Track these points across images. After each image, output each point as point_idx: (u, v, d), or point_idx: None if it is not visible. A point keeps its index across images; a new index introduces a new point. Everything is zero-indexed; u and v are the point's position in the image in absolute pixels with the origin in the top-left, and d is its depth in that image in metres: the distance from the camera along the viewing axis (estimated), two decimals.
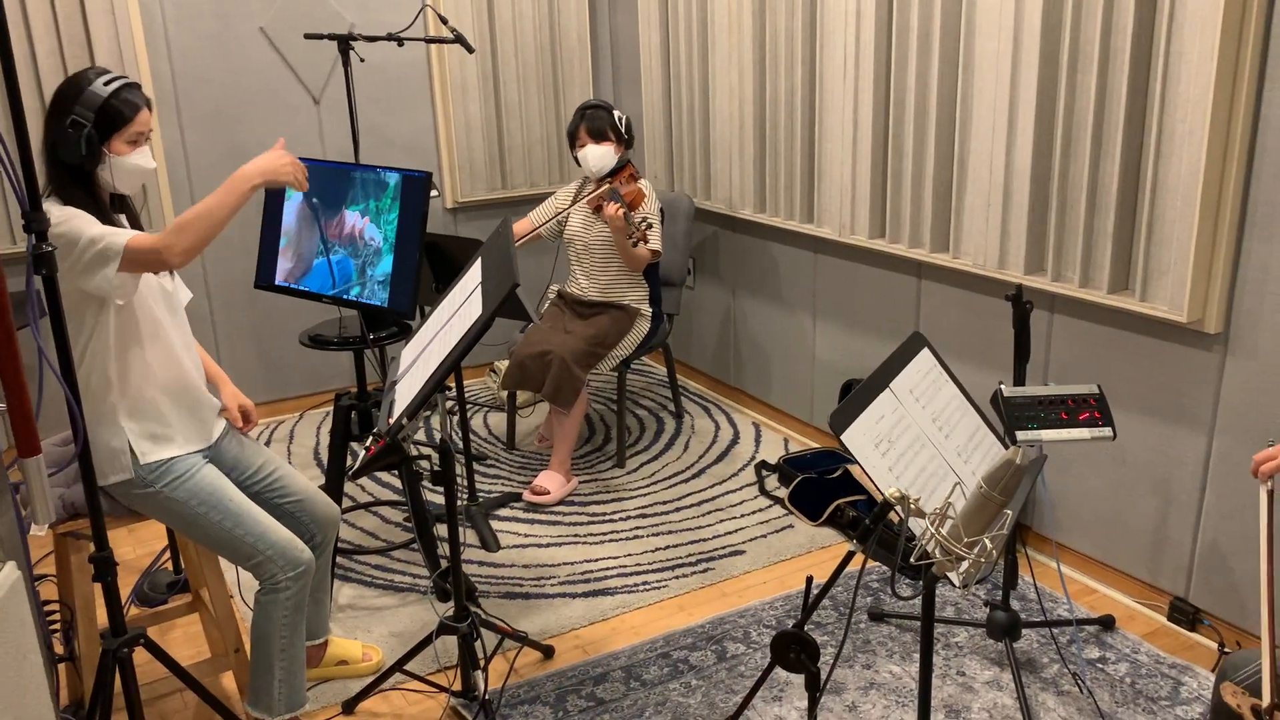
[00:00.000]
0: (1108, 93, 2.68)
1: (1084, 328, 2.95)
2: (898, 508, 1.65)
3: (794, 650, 1.73)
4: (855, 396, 1.86)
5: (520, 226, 3.88)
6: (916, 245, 3.35)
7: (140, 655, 2.22)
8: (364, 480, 3.80)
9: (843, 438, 1.77)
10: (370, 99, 4.39)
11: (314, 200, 2.90)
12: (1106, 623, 2.84)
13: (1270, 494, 1.72)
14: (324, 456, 4.06)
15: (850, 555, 1.72)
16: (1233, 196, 2.51)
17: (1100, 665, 2.69)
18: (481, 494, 3.69)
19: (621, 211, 3.51)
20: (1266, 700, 1.53)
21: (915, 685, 2.63)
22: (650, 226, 3.61)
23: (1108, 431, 2.39)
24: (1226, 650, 2.73)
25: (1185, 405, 2.74)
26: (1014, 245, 3.00)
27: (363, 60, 4.30)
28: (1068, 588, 3.03)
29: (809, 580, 1.78)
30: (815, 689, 1.78)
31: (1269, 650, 1.59)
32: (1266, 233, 2.48)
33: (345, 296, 2.82)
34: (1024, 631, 2.78)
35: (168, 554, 3.23)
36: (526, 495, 3.65)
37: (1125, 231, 2.75)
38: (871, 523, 1.69)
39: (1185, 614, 2.83)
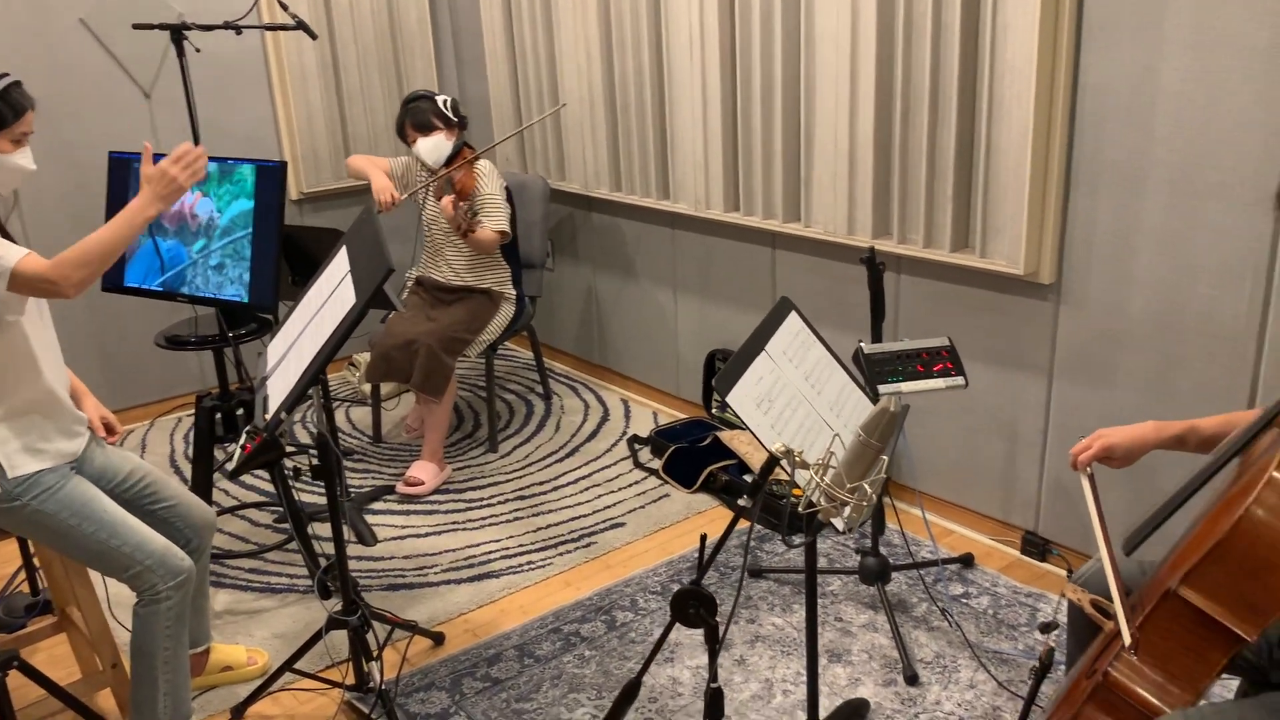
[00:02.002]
0: (941, 63, 2.84)
1: (930, 285, 3.13)
2: (783, 462, 1.74)
3: (693, 606, 1.80)
4: (735, 360, 1.94)
5: (377, 163, 3.78)
6: (770, 216, 3.47)
7: (10, 679, 2.12)
8: (227, 484, 3.69)
9: (728, 399, 1.85)
10: (205, 91, 4.23)
11: None
12: (967, 560, 3.04)
13: (1091, 478, 1.87)
14: (182, 464, 3.91)
15: (741, 512, 1.80)
16: (1058, 156, 2.70)
17: (964, 600, 2.88)
18: (353, 489, 3.64)
19: (450, 204, 3.51)
20: (1118, 611, 1.70)
21: (797, 635, 2.75)
22: (475, 215, 3.60)
23: (960, 380, 2.55)
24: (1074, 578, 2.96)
25: (1025, 352, 2.95)
26: (861, 212, 3.15)
27: (199, 50, 4.13)
28: (930, 530, 3.22)
29: (703, 538, 1.85)
30: (715, 641, 1.85)
31: (1119, 597, 1.76)
32: (1090, 188, 2.69)
33: (195, 293, 2.74)
34: (893, 575, 2.94)
35: (22, 575, 3.07)
36: (400, 487, 3.61)
37: (963, 193, 2.93)
38: (759, 478, 1.76)
39: (1036, 546, 3.05)
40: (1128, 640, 1.65)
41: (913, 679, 2.56)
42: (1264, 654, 1.76)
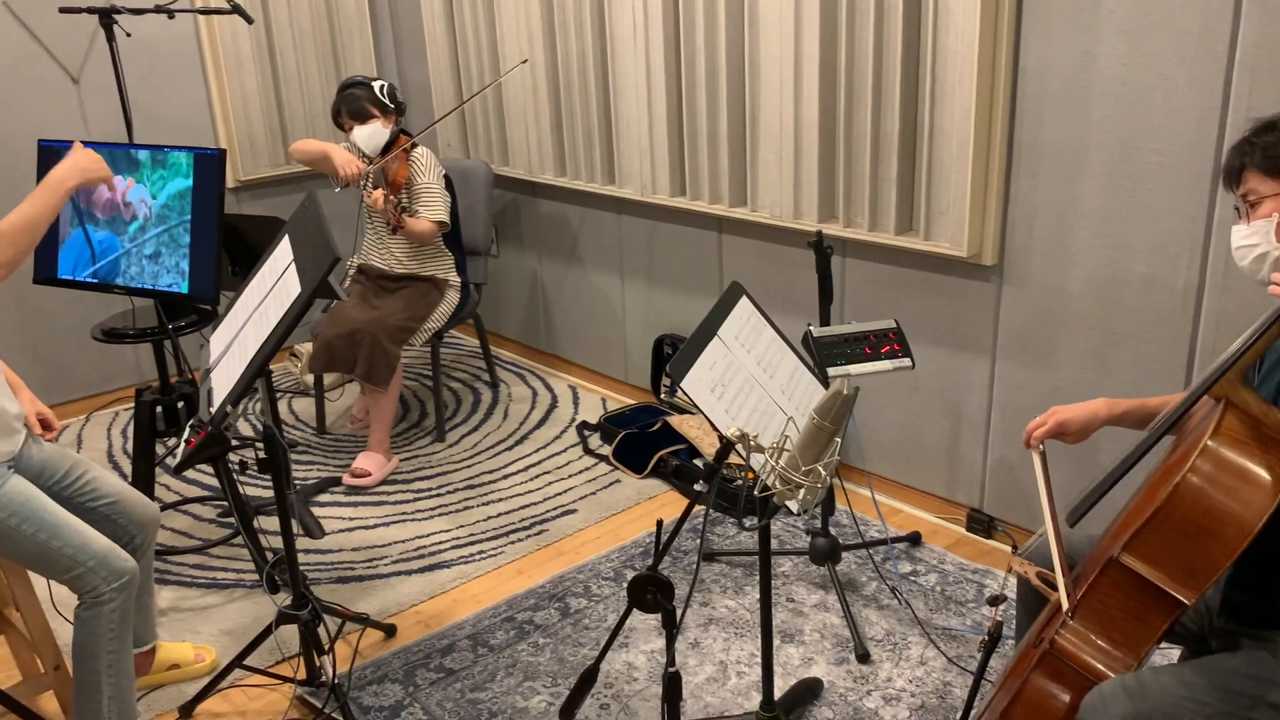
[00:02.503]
0: (884, 48, 2.86)
1: (876, 268, 3.16)
2: (739, 446, 1.74)
3: (651, 591, 1.80)
4: (689, 346, 1.94)
5: (325, 142, 3.71)
6: (716, 201, 3.48)
7: None
8: (168, 479, 3.62)
9: (683, 384, 1.85)
10: (136, 77, 4.12)
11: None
12: (914, 539, 3.08)
13: (1042, 455, 1.92)
14: (120, 459, 3.82)
15: (697, 497, 1.80)
16: (1000, 139, 2.74)
17: (913, 578, 2.92)
18: (298, 482, 3.59)
19: (380, 198, 3.46)
20: (1060, 582, 1.75)
21: (750, 616, 2.77)
22: (405, 209, 3.56)
23: (907, 362, 2.59)
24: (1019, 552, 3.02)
25: (969, 333, 2.99)
26: (807, 195, 3.17)
27: (129, 35, 4.02)
28: (879, 510, 3.26)
29: (659, 524, 1.85)
30: (671, 625, 1.86)
31: (1060, 562, 1.80)
32: (1031, 171, 2.73)
33: (130, 284, 2.67)
34: (843, 554, 2.98)
35: None
36: (346, 478, 3.57)
37: (907, 176, 2.96)
38: (715, 462, 1.77)
39: (981, 523, 3.11)
40: (1065, 605, 1.70)
41: (864, 657, 2.60)
42: (1205, 623, 1.81)
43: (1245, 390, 1.60)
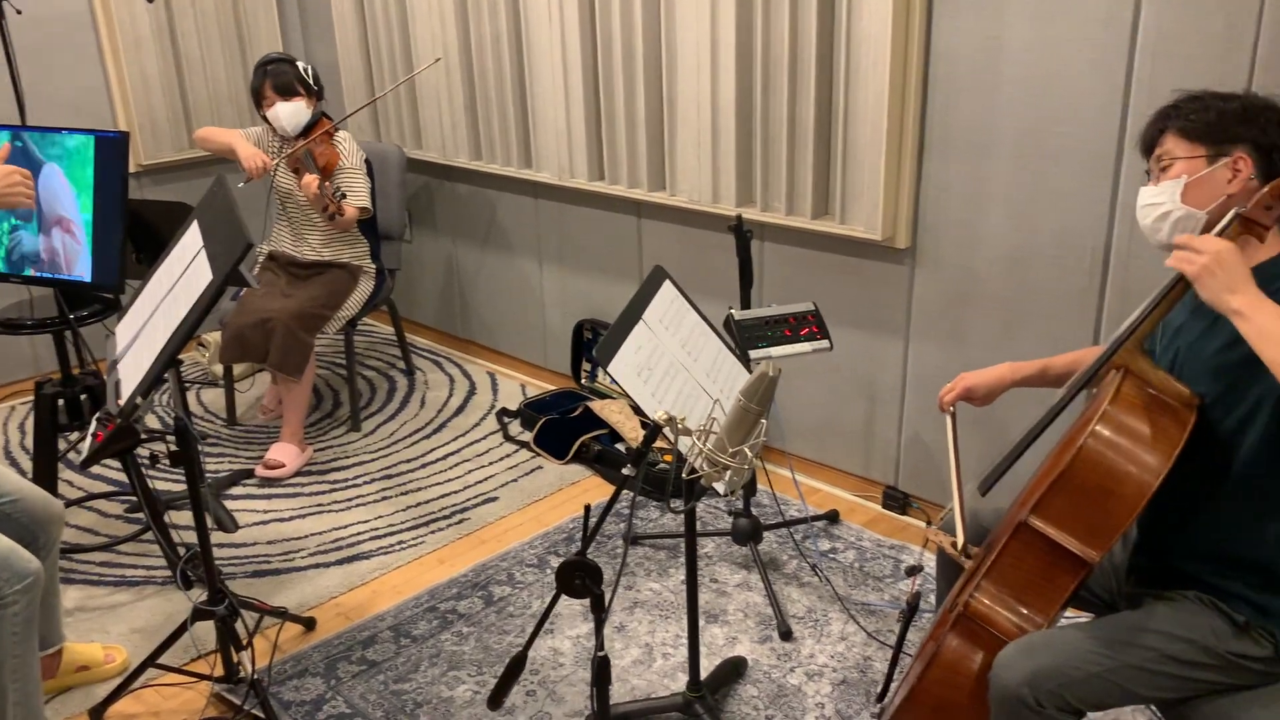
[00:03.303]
0: (799, 31, 2.88)
1: (793, 252, 3.19)
2: (666, 429, 1.75)
3: (579, 577, 1.80)
4: (614, 330, 1.94)
5: (233, 131, 3.61)
6: (635, 185, 3.47)
7: None
8: (71, 474, 3.48)
9: (609, 369, 1.85)
10: (28, 56, 3.93)
11: None
12: (832, 517, 3.14)
13: (953, 417, 2.09)
14: (19, 456, 3.67)
15: (625, 481, 1.80)
16: (912, 124, 2.79)
17: (832, 555, 2.97)
18: (209, 474, 3.49)
19: (315, 183, 3.37)
20: (959, 540, 1.88)
21: (674, 598, 2.79)
22: (344, 196, 3.48)
23: (826, 343, 2.62)
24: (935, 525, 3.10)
25: (884, 315, 3.05)
26: (725, 180, 3.19)
27: (19, 12, 3.83)
28: (799, 489, 3.31)
29: (587, 509, 1.85)
30: (600, 610, 1.86)
31: (961, 516, 1.88)
32: (942, 154, 2.79)
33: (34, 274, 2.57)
34: (764, 534, 3.01)
35: None
36: (259, 470, 3.49)
37: (823, 160, 3.00)
38: (643, 446, 1.77)
39: (897, 500, 3.17)
40: (961, 541, 1.84)
41: (787, 634, 2.64)
42: (1113, 589, 1.89)
43: (1143, 359, 1.68)
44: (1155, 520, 1.76)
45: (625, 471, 1.77)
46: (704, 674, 2.43)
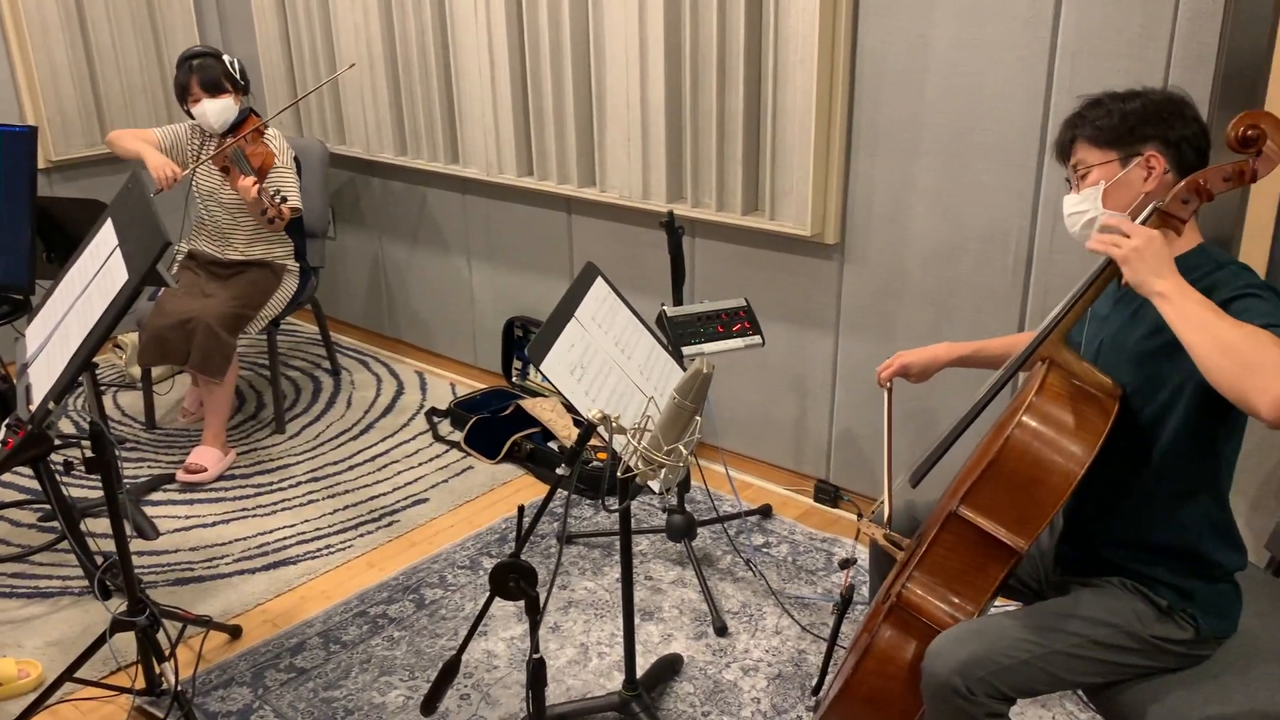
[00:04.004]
0: (727, 27, 2.89)
1: (724, 248, 3.20)
2: (601, 428, 1.73)
3: (513, 579, 1.78)
4: (546, 328, 1.91)
5: (144, 135, 3.49)
6: (564, 181, 3.44)
7: None
8: None
9: (542, 367, 1.82)
10: None
11: None
12: (765, 511, 3.15)
13: (889, 392, 2.13)
14: None
15: (560, 481, 1.78)
16: (840, 120, 2.81)
17: (765, 550, 2.98)
18: (127, 480, 3.38)
19: (255, 187, 3.26)
20: (886, 517, 1.92)
21: (609, 597, 2.78)
22: (285, 200, 3.39)
23: (758, 339, 2.64)
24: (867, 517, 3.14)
25: (814, 310, 3.07)
26: (655, 176, 3.18)
27: None
28: (733, 484, 3.32)
29: (521, 509, 1.83)
30: (535, 612, 1.84)
31: (889, 495, 1.94)
32: (870, 151, 2.81)
33: None
34: (699, 530, 3.01)
35: None
36: (180, 475, 3.39)
37: (752, 157, 3.01)
38: (578, 445, 1.76)
39: (828, 493, 3.20)
40: (887, 513, 1.90)
41: (722, 630, 2.64)
42: (1041, 577, 1.92)
43: (1067, 350, 1.72)
44: (1080, 509, 1.80)
45: (560, 471, 1.75)
46: (640, 672, 2.42)
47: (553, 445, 3.45)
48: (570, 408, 3.50)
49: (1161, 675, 1.69)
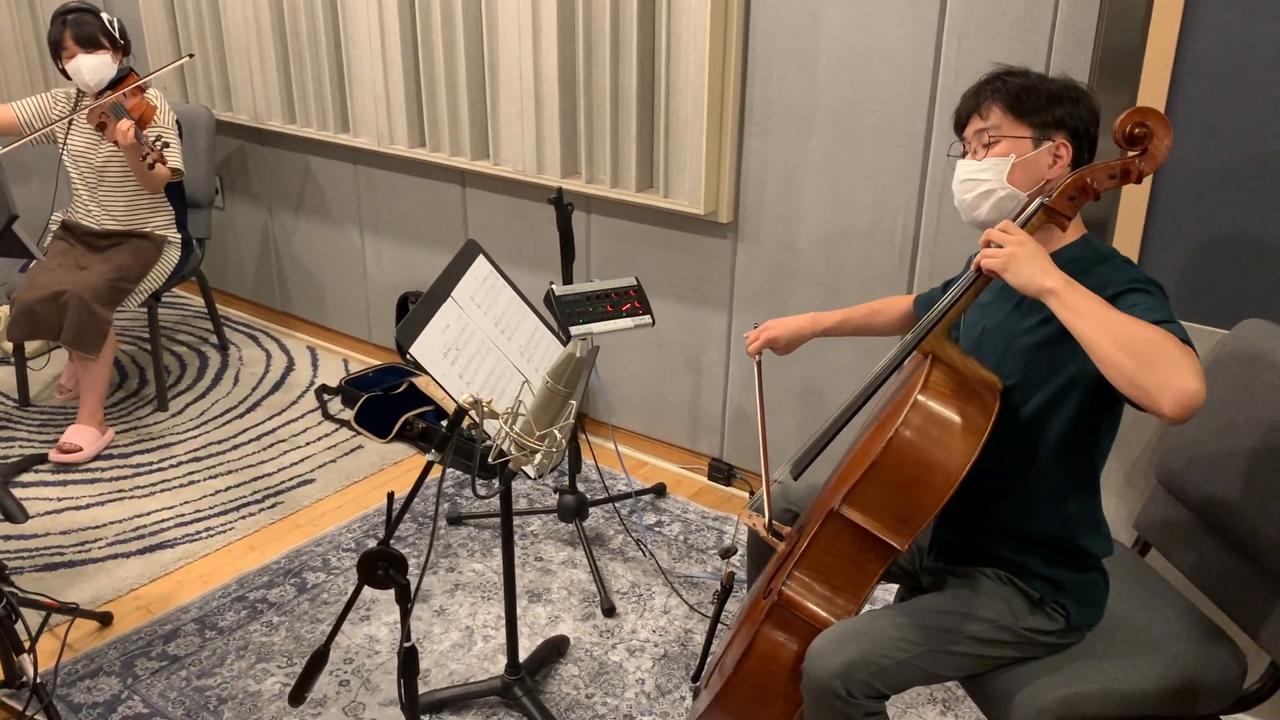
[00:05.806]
0: (620, 0, 2.83)
1: (619, 225, 3.16)
2: (472, 413, 1.69)
3: (381, 567, 1.72)
4: (419, 309, 1.86)
5: None
6: (458, 153, 3.36)
7: None
8: None
9: (411, 351, 1.77)
10: None
11: None
12: (659, 490, 3.14)
13: (759, 364, 2.12)
14: None
15: (430, 466, 1.73)
16: (733, 98, 2.79)
17: (657, 529, 2.98)
18: None
19: (131, 130, 3.12)
20: (766, 518, 1.89)
21: (497, 579, 2.74)
22: (167, 145, 3.25)
23: (648, 319, 2.60)
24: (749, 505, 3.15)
25: (708, 289, 3.05)
26: (549, 150, 3.12)
27: None
28: (624, 464, 3.30)
29: (390, 496, 1.77)
30: (406, 601, 1.79)
31: (767, 485, 1.92)
32: (762, 129, 2.79)
33: None
34: (590, 510, 2.99)
35: None
36: (53, 455, 3.25)
37: (647, 134, 2.97)
38: (448, 430, 1.71)
39: (722, 471, 3.20)
40: (766, 510, 1.88)
41: (610, 611, 2.63)
42: (917, 562, 1.94)
43: (950, 345, 1.70)
44: (960, 500, 1.80)
45: (430, 457, 1.70)
46: (525, 655, 2.39)
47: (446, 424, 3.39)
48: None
49: (1029, 663, 1.72)
